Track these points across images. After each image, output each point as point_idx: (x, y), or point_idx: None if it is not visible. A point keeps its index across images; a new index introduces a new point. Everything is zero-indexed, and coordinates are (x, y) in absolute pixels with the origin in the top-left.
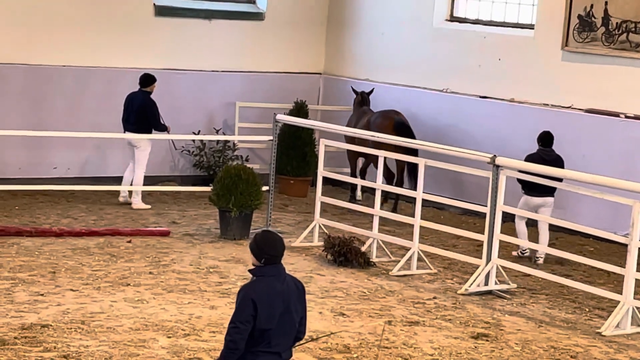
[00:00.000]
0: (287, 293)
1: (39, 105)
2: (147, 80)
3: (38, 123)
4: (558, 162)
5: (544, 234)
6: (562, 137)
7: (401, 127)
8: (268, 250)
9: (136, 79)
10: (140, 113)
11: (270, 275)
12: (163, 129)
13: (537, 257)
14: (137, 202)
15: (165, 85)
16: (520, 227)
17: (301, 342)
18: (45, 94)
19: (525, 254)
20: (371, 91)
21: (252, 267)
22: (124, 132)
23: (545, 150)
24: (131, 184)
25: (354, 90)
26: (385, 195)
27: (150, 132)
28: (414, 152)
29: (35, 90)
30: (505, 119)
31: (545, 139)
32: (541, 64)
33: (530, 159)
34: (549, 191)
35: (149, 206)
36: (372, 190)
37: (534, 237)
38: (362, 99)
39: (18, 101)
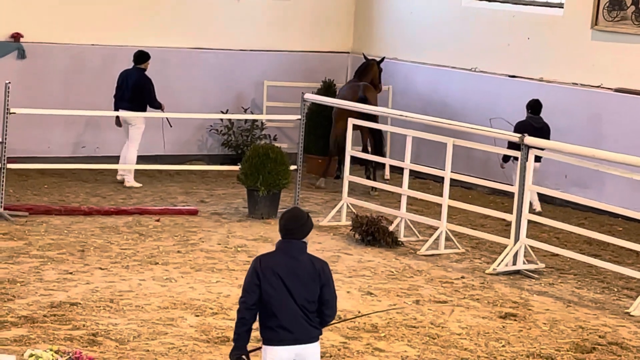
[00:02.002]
0: (294, 269)
1: (67, 84)
2: (142, 57)
3: (66, 101)
4: (545, 129)
5: (535, 197)
6: (591, 117)
7: (362, 102)
8: (281, 222)
9: (164, 57)
10: (136, 90)
11: (280, 249)
12: (158, 106)
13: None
14: (130, 180)
15: (193, 64)
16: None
17: (331, 323)
18: (74, 73)
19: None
20: (382, 60)
21: None
22: (117, 110)
23: (535, 118)
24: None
25: (365, 57)
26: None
27: (144, 110)
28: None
29: (63, 69)
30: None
31: (535, 106)
32: (570, 43)
33: (521, 125)
34: (536, 158)
35: (140, 184)
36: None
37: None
38: (357, 72)
39: (46, 80)
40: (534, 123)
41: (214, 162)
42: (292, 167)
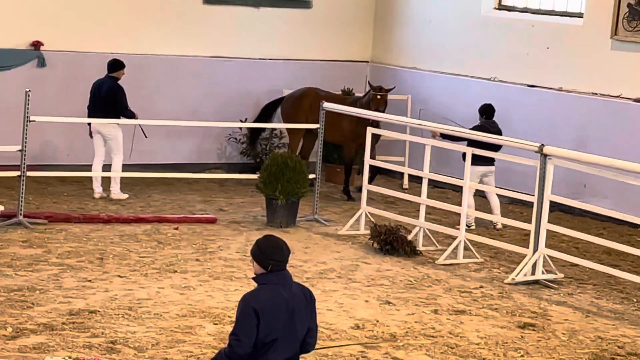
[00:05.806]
0: (293, 302)
1: (86, 92)
2: (115, 65)
3: (86, 109)
4: (499, 133)
5: (495, 202)
6: (610, 126)
7: (264, 108)
8: (274, 255)
9: (184, 66)
10: (108, 100)
11: (275, 283)
12: (131, 115)
13: (495, 224)
14: (116, 192)
15: (213, 73)
16: (470, 200)
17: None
18: (93, 81)
19: (471, 227)
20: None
21: (255, 275)
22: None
23: (490, 122)
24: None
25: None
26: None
27: (117, 119)
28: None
29: (82, 77)
30: (554, 108)
31: (488, 111)
32: (590, 53)
33: (478, 130)
34: (491, 160)
35: (126, 195)
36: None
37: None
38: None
39: (66, 88)
40: (490, 127)
41: (233, 171)
42: (311, 176)
